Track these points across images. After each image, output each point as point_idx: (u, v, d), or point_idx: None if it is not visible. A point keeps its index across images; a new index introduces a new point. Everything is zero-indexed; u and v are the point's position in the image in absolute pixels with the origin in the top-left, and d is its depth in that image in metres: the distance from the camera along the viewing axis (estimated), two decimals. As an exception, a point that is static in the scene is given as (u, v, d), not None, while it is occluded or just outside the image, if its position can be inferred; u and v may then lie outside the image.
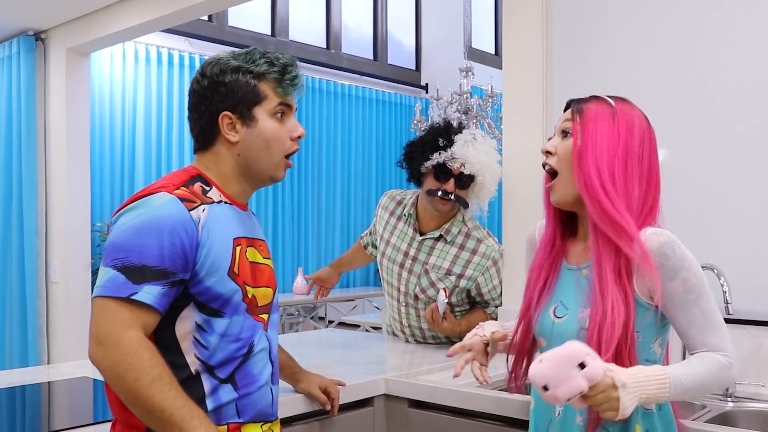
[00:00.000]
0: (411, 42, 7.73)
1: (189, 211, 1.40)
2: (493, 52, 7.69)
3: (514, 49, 2.62)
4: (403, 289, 2.72)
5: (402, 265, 2.72)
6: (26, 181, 4.67)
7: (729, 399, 2.01)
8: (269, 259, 1.61)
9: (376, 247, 2.91)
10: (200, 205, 1.43)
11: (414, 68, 7.69)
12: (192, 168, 1.54)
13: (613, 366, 1.30)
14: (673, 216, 2.21)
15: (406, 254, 2.70)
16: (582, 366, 1.26)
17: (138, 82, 5.40)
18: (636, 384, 1.29)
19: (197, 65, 5.58)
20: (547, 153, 1.52)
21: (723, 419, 1.90)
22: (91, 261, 4.64)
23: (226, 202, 1.51)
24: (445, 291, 2.56)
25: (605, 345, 1.37)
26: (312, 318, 6.18)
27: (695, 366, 1.39)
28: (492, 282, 2.65)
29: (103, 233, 4.85)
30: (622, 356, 1.39)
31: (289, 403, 1.91)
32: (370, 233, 3.04)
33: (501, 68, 2.64)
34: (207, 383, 1.44)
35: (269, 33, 6.48)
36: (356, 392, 2.08)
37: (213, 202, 1.47)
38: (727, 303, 1.96)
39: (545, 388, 1.27)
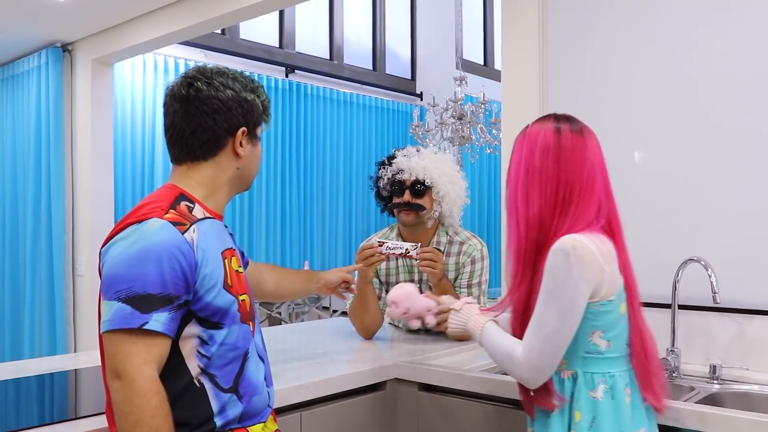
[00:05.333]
0: (407, 54, 7.72)
1: (182, 234, 1.31)
2: (482, 62, 7.66)
3: (512, 62, 2.59)
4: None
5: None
6: (54, 181, 4.65)
7: (715, 381, 2.00)
8: (241, 266, 1.52)
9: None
10: (190, 225, 1.34)
11: (410, 78, 7.70)
12: (173, 186, 1.43)
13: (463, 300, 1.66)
14: (664, 212, 2.21)
15: (413, 280, 2.58)
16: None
17: (157, 90, 5.36)
18: (466, 312, 1.62)
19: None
20: None
21: (711, 400, 1.88)
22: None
23: (208, 218, 1.41)
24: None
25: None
26: (317, 308, 6.15)
27: (504, 339, 1.51)
28: (462, 278, 2.51)
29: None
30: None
31: (310, 387, 1.88)
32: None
33: (489, 78, 2.60)
34: (213, 396, 1.35)
35: (278, 45, 6.48)
36: (369, 376, 2.06)
37: (198, 219, 1.37)
38: (715, 293, 1.93)
39: (405, 313, 1.72)
